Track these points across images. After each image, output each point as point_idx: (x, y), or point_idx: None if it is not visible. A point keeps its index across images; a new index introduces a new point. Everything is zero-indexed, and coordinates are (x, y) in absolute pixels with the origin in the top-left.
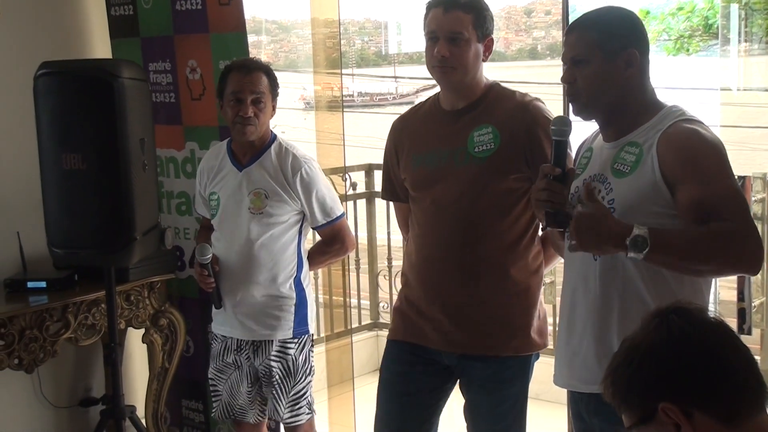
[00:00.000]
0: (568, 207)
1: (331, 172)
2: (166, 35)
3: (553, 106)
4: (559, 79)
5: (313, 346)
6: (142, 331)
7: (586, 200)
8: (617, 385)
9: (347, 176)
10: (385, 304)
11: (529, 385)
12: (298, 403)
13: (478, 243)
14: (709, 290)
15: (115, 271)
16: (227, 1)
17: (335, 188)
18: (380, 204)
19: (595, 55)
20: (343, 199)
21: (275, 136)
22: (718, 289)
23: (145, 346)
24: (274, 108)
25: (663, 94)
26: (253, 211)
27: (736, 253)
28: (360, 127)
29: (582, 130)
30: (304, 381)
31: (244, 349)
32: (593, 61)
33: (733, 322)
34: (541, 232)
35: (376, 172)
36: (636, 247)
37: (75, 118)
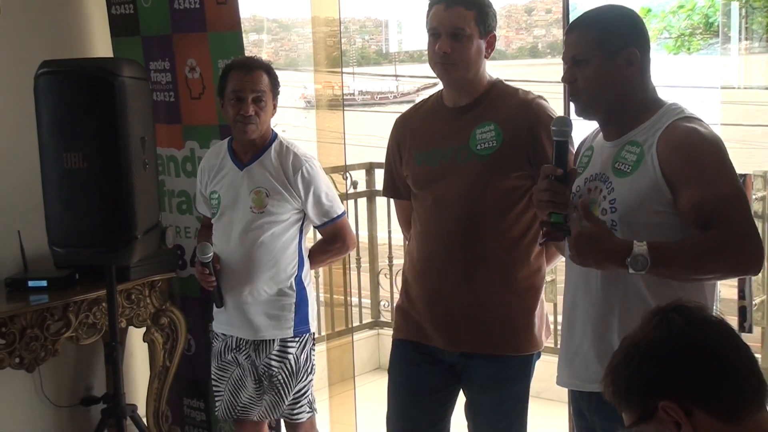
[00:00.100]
0: (569, 208)
1: (331, 170)
2: (165, 34)
3: (554, 105)
4: (560, 79)
5: (314, 344)
6: (143, 330)
7: (583, 218)
8: (617, 384)
9: (348, 175)
10: (386, 303)
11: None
12: (299, 402)
13: (479, 241)
14: (713, 289)
15: (116, 270)
16: (224, 0)
17: (336, 187)
18: (381, 202)
19: (596, 54)
20: (344, 197)
21: (276, 135)
22: (719, 287)
23: (146, 345)
24: (275, 107)
25: (664, 93)
26: (254, 209)
27: (736, 259)
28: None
29: (583, 129)
30: (305, 380)
31: (244, 348)
32: (594, 60)
33: (734, 320)
34: (539, 247)
35: (376, 171)
36: (636, 265)
37: (76, 117)
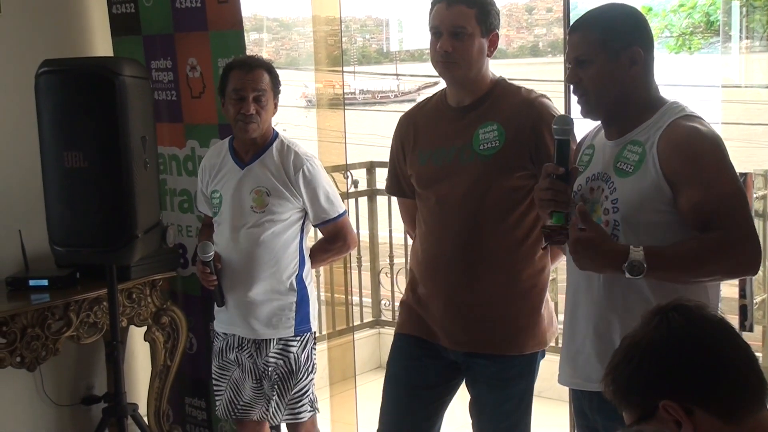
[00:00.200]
0: (571, 207)
1: (332, 169)
2: (167, 33)
3: (555, 104)
4: (564, 80)
5: (315, 344)
6: (144, 329)
7: (581, 223)
8: (618, 383)
9: (349, 174)
10: (387, 302)
11: None
12: (300, 401)
13: (483, 241)
14: (717, 290)
15: (117, 269)
16: None
17: (337, 186)
18: (382, 202)
19: (599, 54)
20: (345, 196)
21: (277, 134)
22: (721, 286)
23: (147, 344)
24: (276, 106)
25: (665, 92)
26: (255, 209)
27: (736, 260)
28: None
29: (584, 127)
30: (306, 379)
31: (245, 347)
32: (597, 60)
33: (735, 319)
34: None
35: (377, 170)
36: (633, 271)
37: (76, 116)
